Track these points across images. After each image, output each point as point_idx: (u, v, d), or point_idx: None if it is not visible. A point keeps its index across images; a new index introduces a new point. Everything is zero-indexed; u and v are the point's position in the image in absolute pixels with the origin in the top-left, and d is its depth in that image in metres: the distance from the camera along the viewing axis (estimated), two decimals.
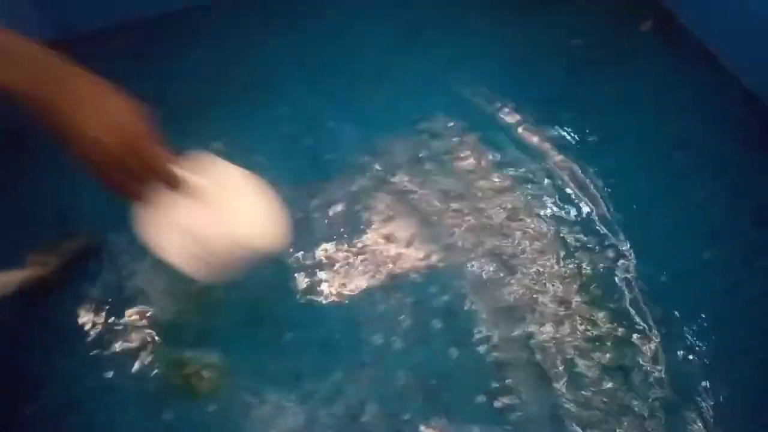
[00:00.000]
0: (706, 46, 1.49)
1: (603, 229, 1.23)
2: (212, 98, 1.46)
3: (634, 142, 1.36)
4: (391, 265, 1.21)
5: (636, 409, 1.03)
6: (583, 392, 1.05)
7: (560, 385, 1.06)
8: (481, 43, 1.55)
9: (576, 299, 1.15)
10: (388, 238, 1.24)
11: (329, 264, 1.21)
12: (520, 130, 1.38)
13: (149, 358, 1.11)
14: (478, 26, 1.59)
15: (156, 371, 1.10)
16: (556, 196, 1.28)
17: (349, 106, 1.44)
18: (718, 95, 1.42)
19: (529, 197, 1.28)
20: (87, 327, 1.15)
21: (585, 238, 1.22)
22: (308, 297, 1.18)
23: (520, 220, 1.25)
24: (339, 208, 1.28)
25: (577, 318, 1.13)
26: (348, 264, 1.21)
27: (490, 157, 1.35)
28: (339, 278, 1.19)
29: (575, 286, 1.16)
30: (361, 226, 1.26)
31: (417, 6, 1.63)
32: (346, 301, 1.17)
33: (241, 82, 1.50)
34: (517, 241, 1.23)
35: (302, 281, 1.19)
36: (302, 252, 1.22)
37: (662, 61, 1.50)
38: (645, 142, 1.36)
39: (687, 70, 1.48)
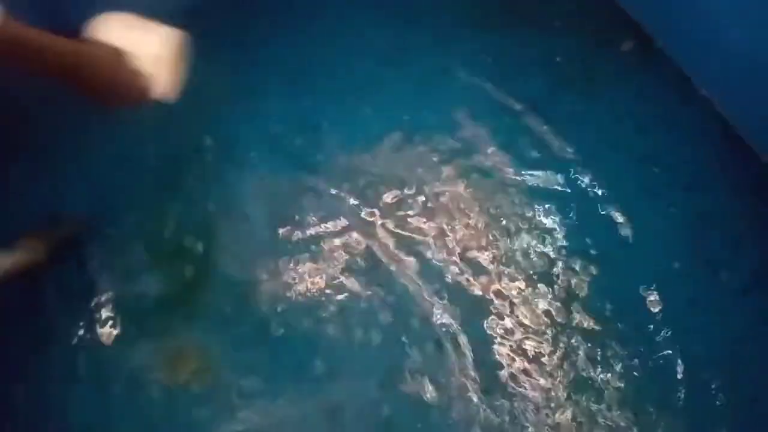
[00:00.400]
0: (682, 70, 1.55)
1: (577, 237, 1.28)
2: (203, 94, 1.48)
3: (609, 156, 1.41)
4: (374, 264, 1.24)
5: (601, 418, 1.08)
6: (552, 400, 1.10)
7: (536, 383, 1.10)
8: (468, 54, 1.59)
9: (551, 305, 1.20)
10: (373, 236, 1.28)
11: (315, 261, 1.24)
12: (502, 138, 1.43)
13: (134, 343, 1.14)
14: (465, 38, 1.63)
15: (140, 356, 1.12)
16: (534, 204, 1.33)
17: (338, 110, 1.47)
18: (691, 117, 1.48)
19: (509, 203, 1.33)
20: (72, 313, 1.17)
21: (560, 247, 1.27)
22: (293, 292, 1.21)
23: (501, 224, 1.30)
24: (327, 206, 1.32)
25: (552, 324, 1.18)
26: (334, 261, 1.24)
27: (472, 163, 1.39)
28: (324, 275, 1.23)
29: (550, 292, 1.21)
30: (349, 225, 1.29)
31: (407, 17, 1.67)
32: (330, 297, 1.20)
33: (232, 78, 1.52)
34: (495, 248, 1.27)
35: (288, 277, 1.22)
36: (290, 249, 1.26)
37: (640, 82, 1.55)
38: (620, 156, 1.41)
39: (663, 91, 1.53)
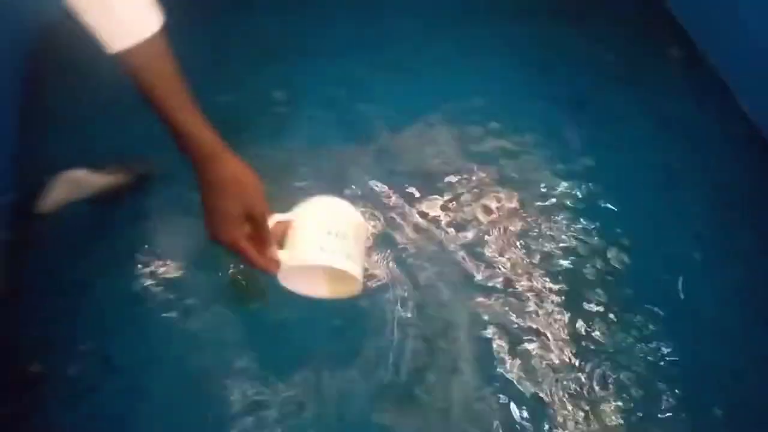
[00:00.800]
0: (724, 81, 1.60)
1: (601, 226, 1.33)
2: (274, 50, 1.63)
3: (640, 154, 1.48)
4: (403, 217, 1.33)
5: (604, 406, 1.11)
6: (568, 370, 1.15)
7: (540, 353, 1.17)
8: (511, 42, 1.67)
9: (574, 288, 1.25)
10: (402, 217, 1.34)
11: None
12: (537, 129, 1.49)
13: (194, 271, 1.23)
14: (508, 27, 1.70)
15: (199, 283, 1.22)
16: (560, 190, 1.39)
17: (373, 88, 1.56)
18: (727, 128, 1.53)
19: (537, 190, 1.39)
20: (139, 240, 1.27)
21: (584, 232, 1.32)
22: None
23: (523, 204, 1.37)
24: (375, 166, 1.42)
25: (559, 306, 1.23)
26: (369, 210, 1.34)
27: (503, 149, 1.46)
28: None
29: (572, 276, 1.26)
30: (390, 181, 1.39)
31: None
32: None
33: (282, 46, 1.63)
34: (522, 232, 1.33)
35: None
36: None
37: (680, 88, 1.62)
38: (649, 155, 1.48)
39: (703, 100, 1.59)
